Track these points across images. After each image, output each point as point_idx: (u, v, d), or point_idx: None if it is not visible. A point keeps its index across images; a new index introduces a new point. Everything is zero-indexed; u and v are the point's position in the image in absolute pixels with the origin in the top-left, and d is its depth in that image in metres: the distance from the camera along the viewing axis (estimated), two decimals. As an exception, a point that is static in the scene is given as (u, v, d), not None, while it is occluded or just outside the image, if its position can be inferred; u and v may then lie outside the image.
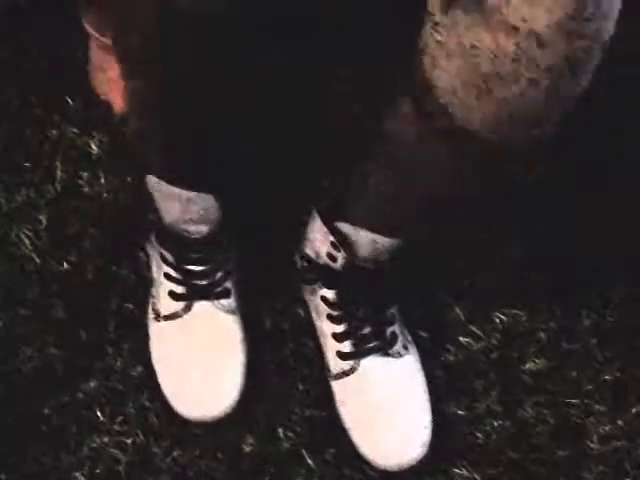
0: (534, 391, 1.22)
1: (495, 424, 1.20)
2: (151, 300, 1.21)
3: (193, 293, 1.18)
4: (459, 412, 1.20)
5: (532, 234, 1.29)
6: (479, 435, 1.19)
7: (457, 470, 1.17)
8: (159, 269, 1.20)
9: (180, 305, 1.19)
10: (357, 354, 1.18)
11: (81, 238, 1.26)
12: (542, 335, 1.25)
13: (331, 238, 1.15)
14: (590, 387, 1.22)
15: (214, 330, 1.19)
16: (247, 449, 1.17)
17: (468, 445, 1.19)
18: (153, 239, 1.20)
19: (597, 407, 1.21)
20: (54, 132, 1.33)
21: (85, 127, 1.33)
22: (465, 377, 1.22)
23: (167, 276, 1.19)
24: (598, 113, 1.31)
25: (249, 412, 1.18)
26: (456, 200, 1.07)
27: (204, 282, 1.18)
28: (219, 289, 1.19)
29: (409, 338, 1.21)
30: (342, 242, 1.14)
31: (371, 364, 1.18)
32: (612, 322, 1.26)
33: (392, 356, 1.18)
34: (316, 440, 1.18)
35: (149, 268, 1.22)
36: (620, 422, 1.20)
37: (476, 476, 1.17)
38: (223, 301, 1.19)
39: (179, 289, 1.19)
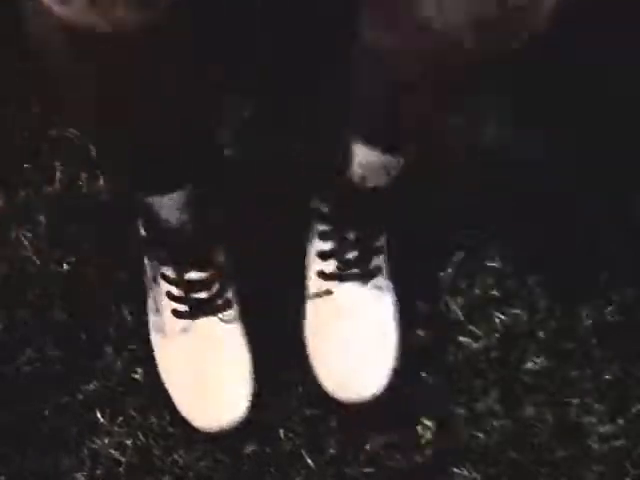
0: (534, 391, 1.22)
1: (495, 424, 1.20)
2: (152, 317, 1.20)
3: (196, 310, 1.17)
4: (459, 412, 1.20)
5: (532, 234, 1.29)
6: (479, 435, 1.19)
7: (457, 470, 1.17)
8: (159, 288, 1.18)
9: (184, 323, 1.17)
10: (338, 276, 1.18)
11: (81, 238, 1.27)
12: (542, 335, 1.25)
13: None
14: (590, 387, 1.22)
15: (219, 343, 1.18)
16: (247, 450, 1.17)
17: (468, 445, 1.19)
18: (149, 260, 1.19)
19: (597, 407, 1.21)
20: (54, 132, 1.33)
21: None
22: (465, 377, 1.22)
23: (169, 295, 1.17)
24: (598, 113, 1.32)
25: (249, 413, 1.17)
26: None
27: (204, 295, 1.17)
28: (220, 302, 1.18)
29: (390, 284, 1.20)
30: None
31: (348, 290, 1.18)
32: (612, 322, 1.26)
33: (371, 288, 1.18)
34: (316, 440, 1.18)
35: (148, 280, 1.21)
36: (620, 422, 1.21)
37: (476, 476, 1.17)
38: (226, 313, 1.19)
39: (182, 307, 1.17)
